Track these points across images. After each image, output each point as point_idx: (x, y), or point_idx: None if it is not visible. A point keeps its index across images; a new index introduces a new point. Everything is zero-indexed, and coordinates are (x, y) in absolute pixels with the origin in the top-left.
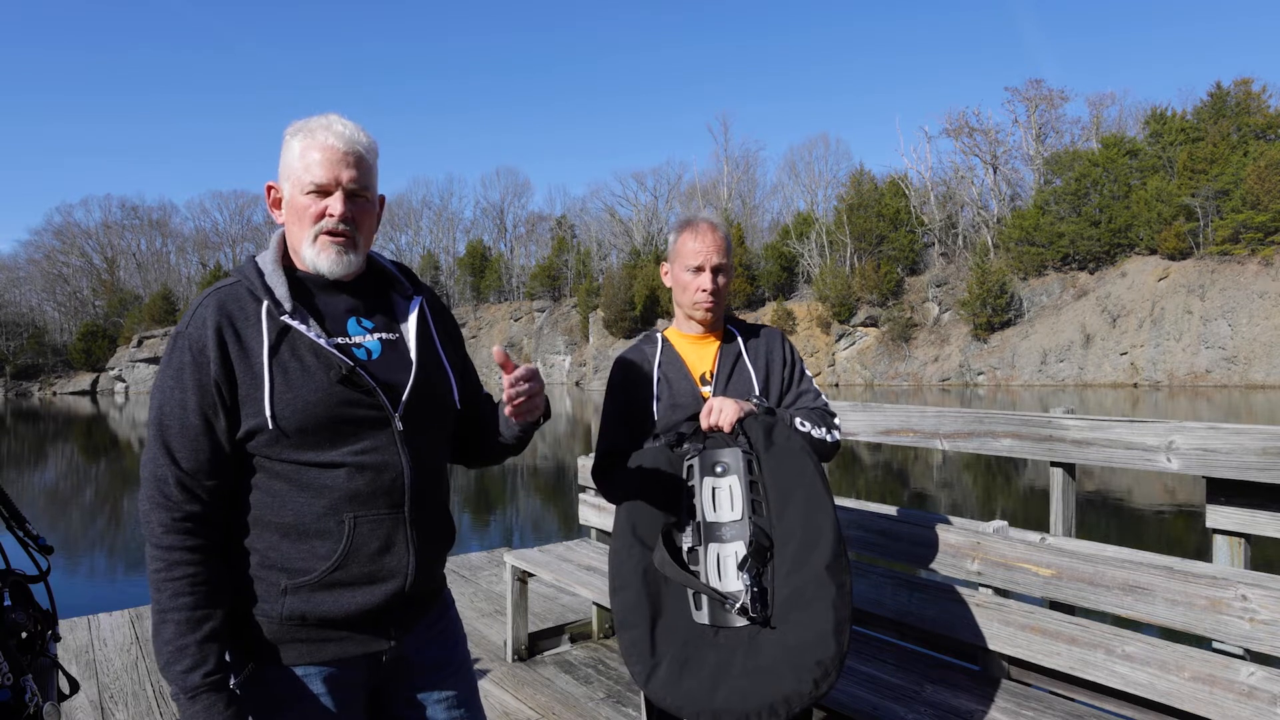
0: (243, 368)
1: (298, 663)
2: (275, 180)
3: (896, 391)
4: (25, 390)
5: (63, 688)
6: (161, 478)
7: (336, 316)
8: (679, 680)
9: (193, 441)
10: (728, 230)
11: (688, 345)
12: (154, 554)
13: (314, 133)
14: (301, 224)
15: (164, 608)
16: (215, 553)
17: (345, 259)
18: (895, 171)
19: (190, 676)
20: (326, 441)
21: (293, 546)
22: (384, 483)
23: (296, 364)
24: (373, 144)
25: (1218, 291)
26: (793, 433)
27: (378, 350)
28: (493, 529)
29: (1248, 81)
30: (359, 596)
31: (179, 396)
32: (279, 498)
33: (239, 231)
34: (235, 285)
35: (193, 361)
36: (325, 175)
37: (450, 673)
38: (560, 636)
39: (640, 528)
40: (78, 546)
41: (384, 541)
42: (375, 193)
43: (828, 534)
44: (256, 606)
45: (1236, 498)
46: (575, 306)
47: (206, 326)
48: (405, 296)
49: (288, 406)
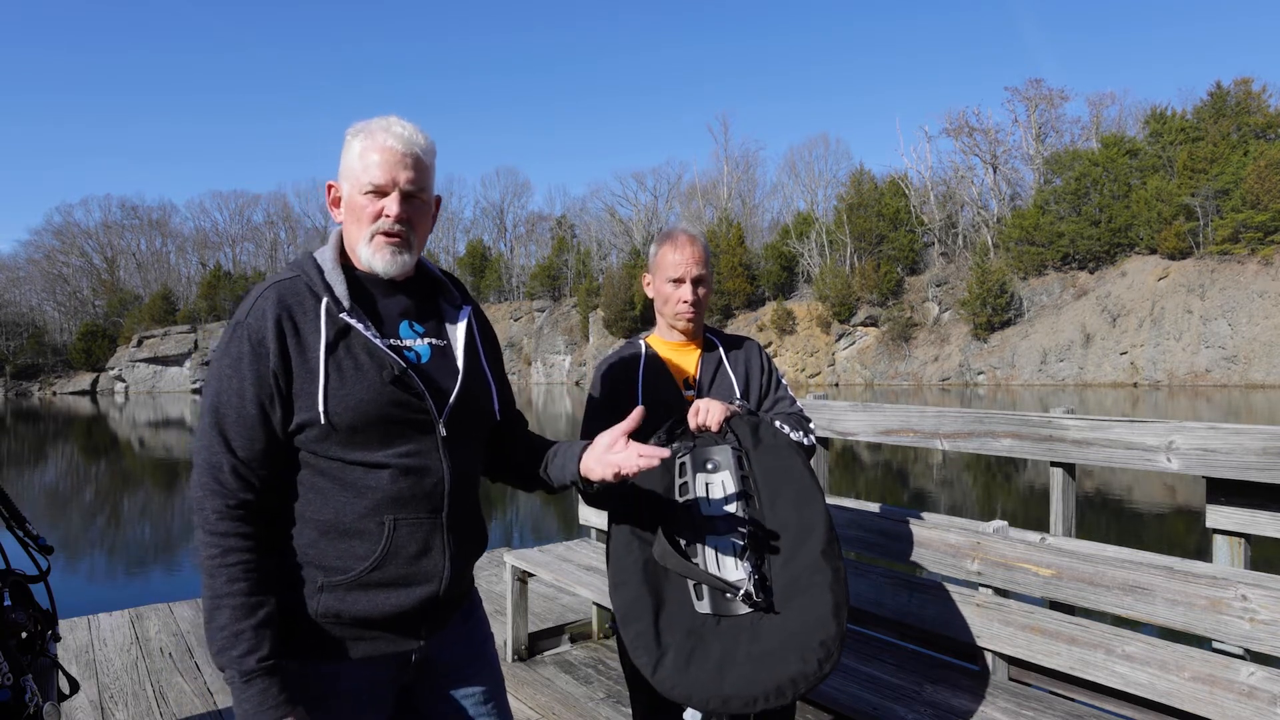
0: (299, 362)
1: (329, 659)
2: (335, 179)
3: (896, 391)
4: (25, 390)
5: (63, 688)
6: (217, 465)
7: (390, 318)
8: (686, 669)
9: (249, 430)
10: (707, 242)
11: (670, 352)
12: (208, 540)
13: (374, 134)
14: (359, 223)
15: (218, 593)
16: (266, 541)
17: (400, 259)
18: (895, 171)
19: (246, 660)
20: (375, 441)
21: (331, 545)
22: (425, 487)
23: (351, 362)
24: (430, 145)
25: (1218, 291)
26: (778, 431)
27: (427, 355)
28: (493, 529)
29: (1248, 81)
30: (394, 598)
31: (237, 385)
32: (322, 495)
33: (239, 231)
34: (295, 280)
35: (251, 351)
36: (383, 176)
37: (477, 670)
38: (560, 636)
39: (637, 524)
40: (78, 546)
41: (422, 545)
42: (431, 194)
43: (820, 523)
44: (293, 602)
45: (1236, 498)
46: (575, 306)
47: (267, 318)
48: (454, 305)
49: (341, 403)
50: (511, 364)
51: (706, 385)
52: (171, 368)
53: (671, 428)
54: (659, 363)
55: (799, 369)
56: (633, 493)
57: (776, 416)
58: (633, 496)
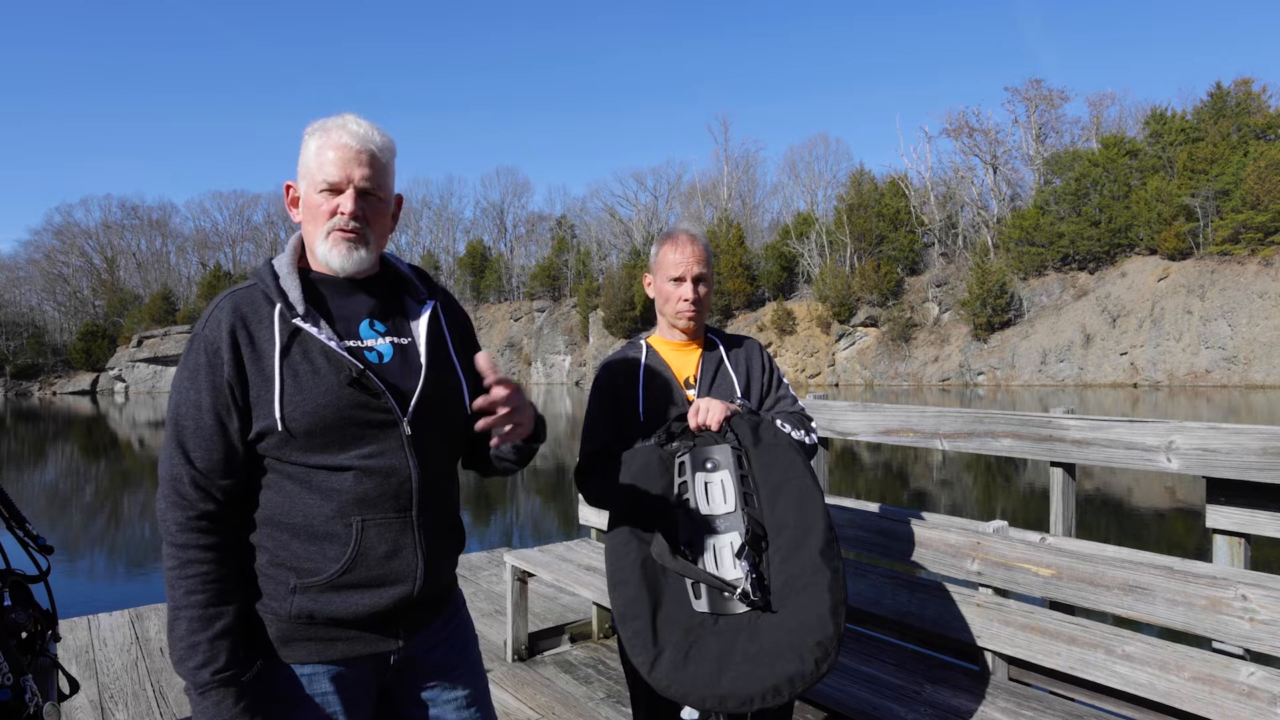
0: (255, 369)
1: (305, 661)
2: (294, 180)
3: (896, 391)
4: (25, 390)
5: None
6: (177, 477)
7: (349, 319)
8: (683, 668)
9: (207, 441)
10: (708, 241)
11: (671, 351)
12: (169, 552)
13: (329, 132)
14: (315, 221)
15: (178, 605)
16: (229, 551)
17: (355, 255)
18: (895, 171)
19: (201, 673)
20: (335, 444)
21: (303, 547)
22: (391, 486)
23: (307, 366)
24: (388, 143)
25: (1218, 291)
26: (778, 430)
27: (389, 354)
28: (493, 529)
29: (1248, 81)
30: (367, 599)
31: (194, 397)
32: (290, 499)
33: (239, 231)
34: (251, 288)
35: (208, 363)
36: (338, 173)
37: (461, 673)
38: (560, 636)
39: (635, 523)
40: (78, 546)
41: (392, 545)
42: (389, 192)
43: (819, 523)
44: (264, 604)
45: (1236, 498)
46: (575, 306)
47: (221, 328)
48: (419, 300)
49: (297, 409)
50: (511, 364)
51: (707, 385)
52: (171, 368)
53: (671, 427)
54: (660, 362)
55: (799, 369)
56: (631, 492)
57: (778, 415)
58: (631, 496)
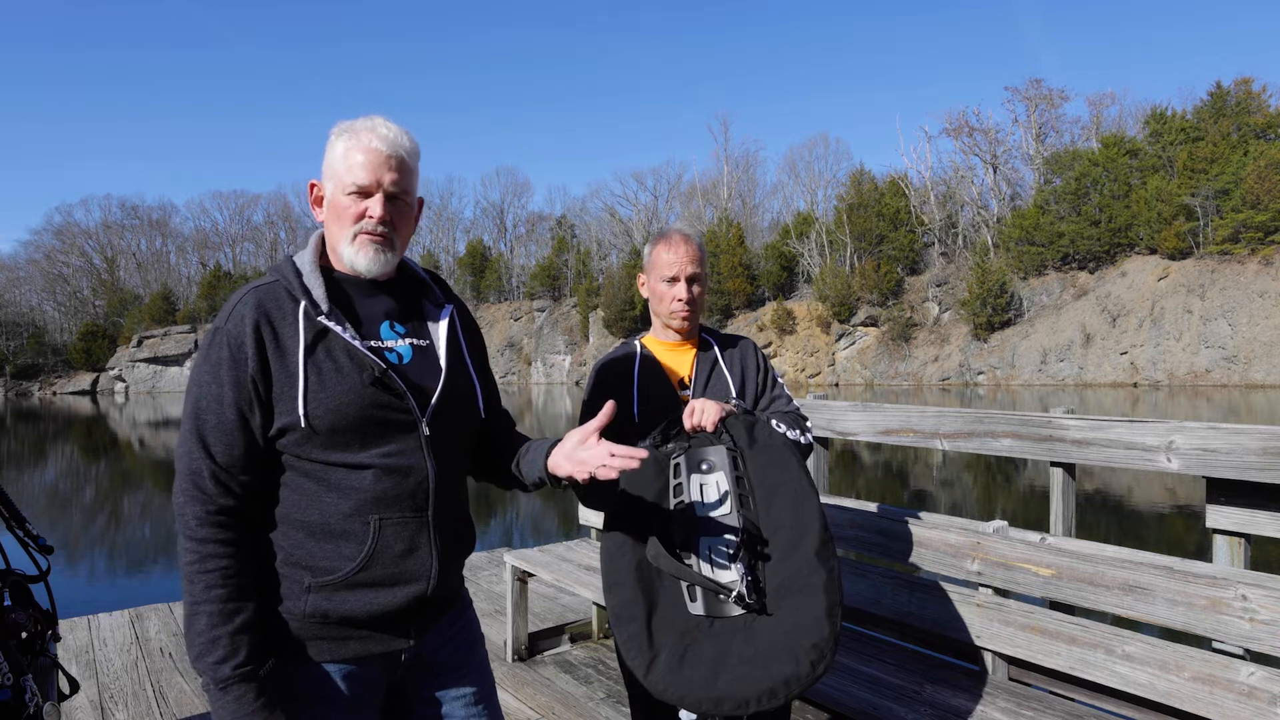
0: (278, 366)
1: (318, 659)
2: (318, 179)
3: (896, 391)
4: (25, 390)
5: (63, 688)
6: (196, 471)
7: (371, 319)
8: (679, 671)
9: (228, 436)
10: (702, 241)
11: (665, 352)
12: (188, 546)
13: (359, 134)
14: (342, 223)
15: (197, 599)
16: (247, 546)
17: (382, 258)
18: (895, 171)
19: (222, 668)
20: (356, 442)
21: (318, 545)
22: (409, 486)
23: (331, 364)
24: (415, 148)
25: (1218, 291)
26: (773, 430)
27: (409, 355)
28: (493, 529)
29: (1248, 81)
30: (382, 598)
31: (216, 391)
32: (307, 496)
33: (239, 231)
34: (274, 285)
35: (230, 358)
36: (367, 177)
37: (468, 671)
38: (560, 636)
39: (631, 525)
40: (78, 546)
41: (408, 544)
42: (415, 196)
43: (814, 524)
44: (279, 603)
45: (1236, 498)
46: (575, 306)
47: (245, 323)
48: (437, 304)
49: (320, 406)
50: (511, 364)
51: (702, 385)
52: (171, 368)
53: (666, 428)
54: (654, 363)
55: (799, 369)
56: (626, 494)
57: (773, 415)
58: (626, 498)
